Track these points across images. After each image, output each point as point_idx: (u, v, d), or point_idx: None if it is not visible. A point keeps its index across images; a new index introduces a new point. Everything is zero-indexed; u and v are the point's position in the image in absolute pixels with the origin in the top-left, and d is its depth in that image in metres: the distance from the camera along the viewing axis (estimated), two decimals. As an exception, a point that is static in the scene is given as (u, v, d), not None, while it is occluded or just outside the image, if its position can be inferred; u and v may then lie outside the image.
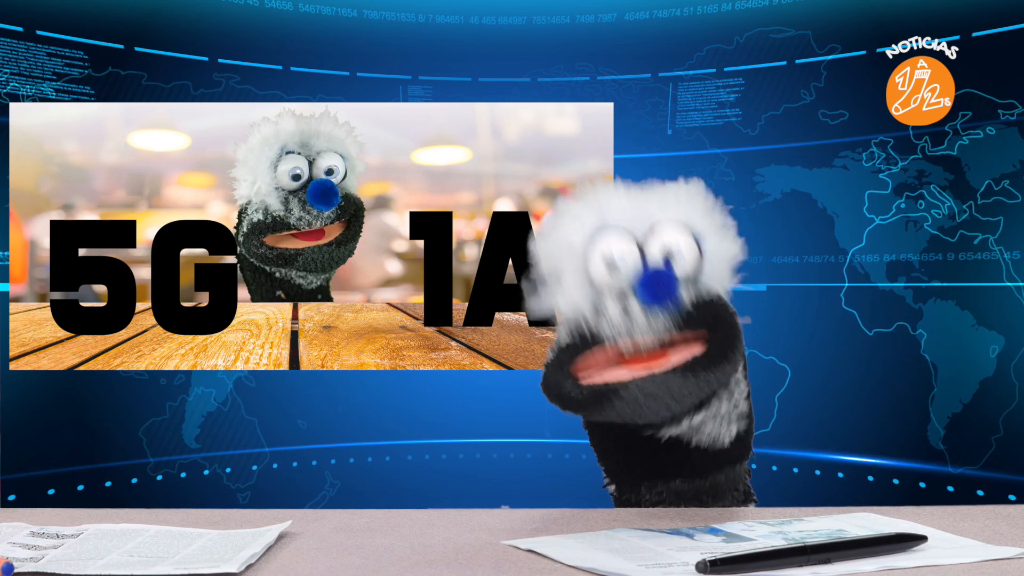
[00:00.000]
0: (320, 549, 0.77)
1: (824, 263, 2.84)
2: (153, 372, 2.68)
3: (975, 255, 2.63)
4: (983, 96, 2.60)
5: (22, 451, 2.57)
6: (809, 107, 2.83)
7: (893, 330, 2.74)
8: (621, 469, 0.97)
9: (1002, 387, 2.60)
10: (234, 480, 2.91)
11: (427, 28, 3.03)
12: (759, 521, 0.85)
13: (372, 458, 3.06)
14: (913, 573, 0.70)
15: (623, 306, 0.88)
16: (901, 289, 2.74)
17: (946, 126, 2.63)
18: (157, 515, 0.87)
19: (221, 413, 2.90)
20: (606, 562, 0.71)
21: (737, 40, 2.88)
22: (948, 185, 2.65)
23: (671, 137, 2.98)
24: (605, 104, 2.53)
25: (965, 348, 2.65)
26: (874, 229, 2.76)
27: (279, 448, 2.98)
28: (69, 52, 2.62)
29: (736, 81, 2.92)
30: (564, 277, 0.91)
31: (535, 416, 2.99)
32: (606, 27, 3.02)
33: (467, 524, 0.84)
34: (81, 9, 2.66)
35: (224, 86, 2.84)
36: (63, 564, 0.71)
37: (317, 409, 3.02)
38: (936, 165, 2.67)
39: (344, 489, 3.01)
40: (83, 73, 2.61)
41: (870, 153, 2.73)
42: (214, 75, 2.84)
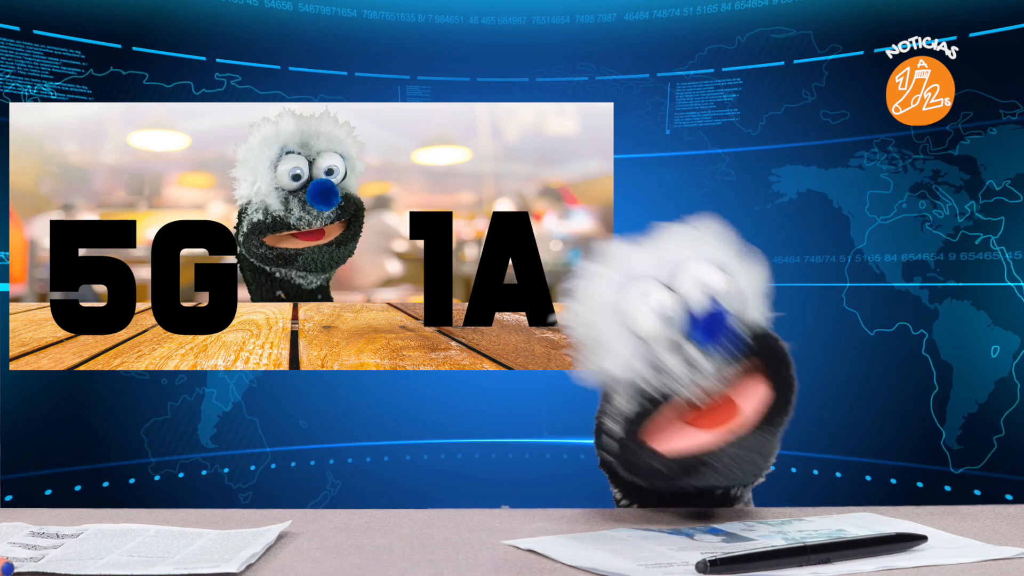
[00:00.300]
0: (320, 549, 0.77)
1: (825, 263, 2.84)
2: (154, 372, 2.68)
3: (976, 255, 2.63)
4: (984, 95, 2.60)
5: (22, 451, 2.57)
6: (810, 107, 2.83)
7: (894, 330, 2.74)
8: (638, 499, 0.95)
9: (1005, 387, 2.61)
10: (235, 480, 2.91)
11: (426, 28, 3.03)
12: (759, 521, 0.85)
13: (371, 458, 3.06)
14: (913, 573, 0.70)
15: (681, 355, 0.83)
16: (904, 289, 2.74)
17: (952, 125, 2.63)
18: (157, 515, 0.87)
19: (226, 413, 2.91)
20: (606, 562, 0.71)
21: (739, 40, 2.88)
22: (963, 185, 2.65)
23: (671, 137, 2.98)
24: (605, 104, 2.53)
25: (968, 348, 2.65)
26: (876, 228, 2.76)
27: (279, 448, 2.98)
28: (67, 52, 2.62)
29: (735, 81, 2.92)
30: (607, 340, 0.85)
31: (535, 416, 2.99)
32: (606, 27, 3.02)
33: (467, 524, 0.84)
34: (80, 9, 2.67)
35: (226, 86, 2.84)
36: (63, 564, 0.71)
37: (317, 409, 3.02)
38: (951, 165, 2.67)
39: (344, 489, 3.02)
40: (81, 73, 2.61)
41: (872, 153, 2.73)
42: (216, 75, 2.84)
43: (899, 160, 2.70)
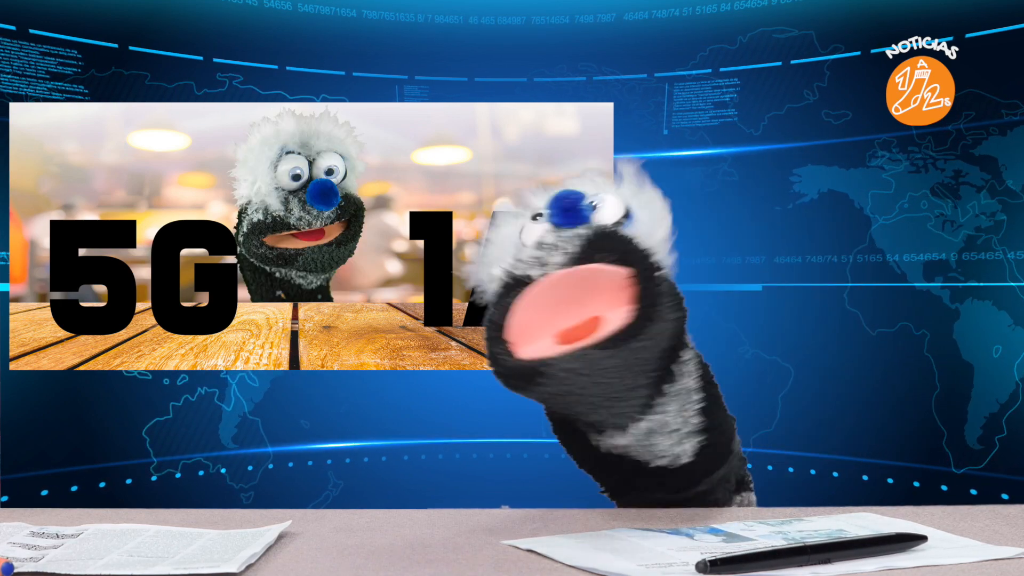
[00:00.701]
0: (320, 549, 0.77)
1: (827, 263, 2.84)
2: (156, 372, 2.68)
3: (979, 255, 2.63)
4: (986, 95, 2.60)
5: (22, 451, 2.57)
6: (812, 107, 2.83)
7: (896, 330, 2.74)
8: (607, 486, 0.97)
9: (1006, 386, 2.60)
10: (237, 480, 2.91)
11: (425, 28, 3.03)
12: (759, 521, 0.85)
13: (369, 459, 3.06)
14: (913, 573, 0.70)
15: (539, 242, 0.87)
16: (913, 288, 2.74)
17: (963, 125, 2.63)
18: (157, 515, 0.87)
19: (227, 413, 2.91)
20: (606, 562, 0.71)
21: (740, 40, 2.88)
22: (984, 185, 2.65)
23: (673, 137, 2.98)
24: (605, 104, 2.53)
25: (983, 348, 2.65)
26: (879, 228, 2.76)
27: (279, 448, 2.98)
28: (64, 51, 2.62)
29: (731, 81, 2.92)
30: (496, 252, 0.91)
31: (535, 416, 2.98)
32: (605, 27, 3.02)
33: (467, 524, 0.84)
34: (78, 9, 2.67)
35: (227, 86, 2.84)
36: (63, 564, 0.71)
37: (317, 409, 3.02)
38: (973, 165, 2.66)
39: (345, 489, 3.02)
40: (78, 73, 2.62)
41: (888, 153, 2.73)
42: (218, 75, 2.84)
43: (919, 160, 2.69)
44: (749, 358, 2.82)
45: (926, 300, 2.71)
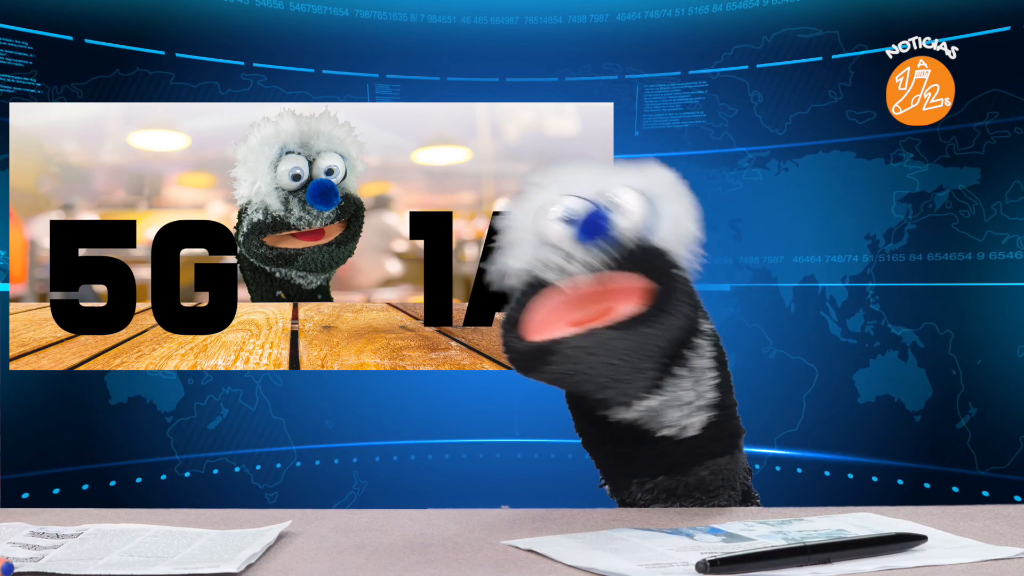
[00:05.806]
0: (320, 549, 0.77)
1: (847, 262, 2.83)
2: (166, 372, 2.68)
3: (1004, 254, 2.62)
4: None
5: (22, 451, 2.57)
6: (837, 106, 2.83)
7: (920, 329, 2.73)
8: (609, 465, 0.97)
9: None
10: (246, 479, 2.91)
11: (423, 27, 3.03)
12: (759, 521, 0.85)
13: (364, 458, 3.06)
14: (913, 573, 0.70)
15: (563, 250, 0.90)
16: (910, 289, 2.73)
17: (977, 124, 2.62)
18: (157, 515, 0.87)
19: (248, 413, 2.91)
20: (606, 562, 0.71)
21: (765, 40, 2.88)
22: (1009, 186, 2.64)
23: (681, 136, 2.98)
24: (605, 104, 2.53)
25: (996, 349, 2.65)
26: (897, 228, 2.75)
27: (282, 448, 2.98)
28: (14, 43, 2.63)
29: (710, 84, 2.92)
30: (518, 241, 0.93)
31: (535, 416, 2.99)
32: (602, 27, 3.03)
33: (467, 524, 0.84)
34: (78, 8, 2.67)
35: (251, 86, 2.85)
36: (63, 564, 0.71)
37: (319, 410, 3.02)
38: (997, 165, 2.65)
39: (352, 489, 3.02)
40: (79, 74, 2.62)
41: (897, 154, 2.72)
42: (242, 75, 2.85)
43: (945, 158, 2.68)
44: (773, 358, 2.80)
45: (950, 299, 2.69)
